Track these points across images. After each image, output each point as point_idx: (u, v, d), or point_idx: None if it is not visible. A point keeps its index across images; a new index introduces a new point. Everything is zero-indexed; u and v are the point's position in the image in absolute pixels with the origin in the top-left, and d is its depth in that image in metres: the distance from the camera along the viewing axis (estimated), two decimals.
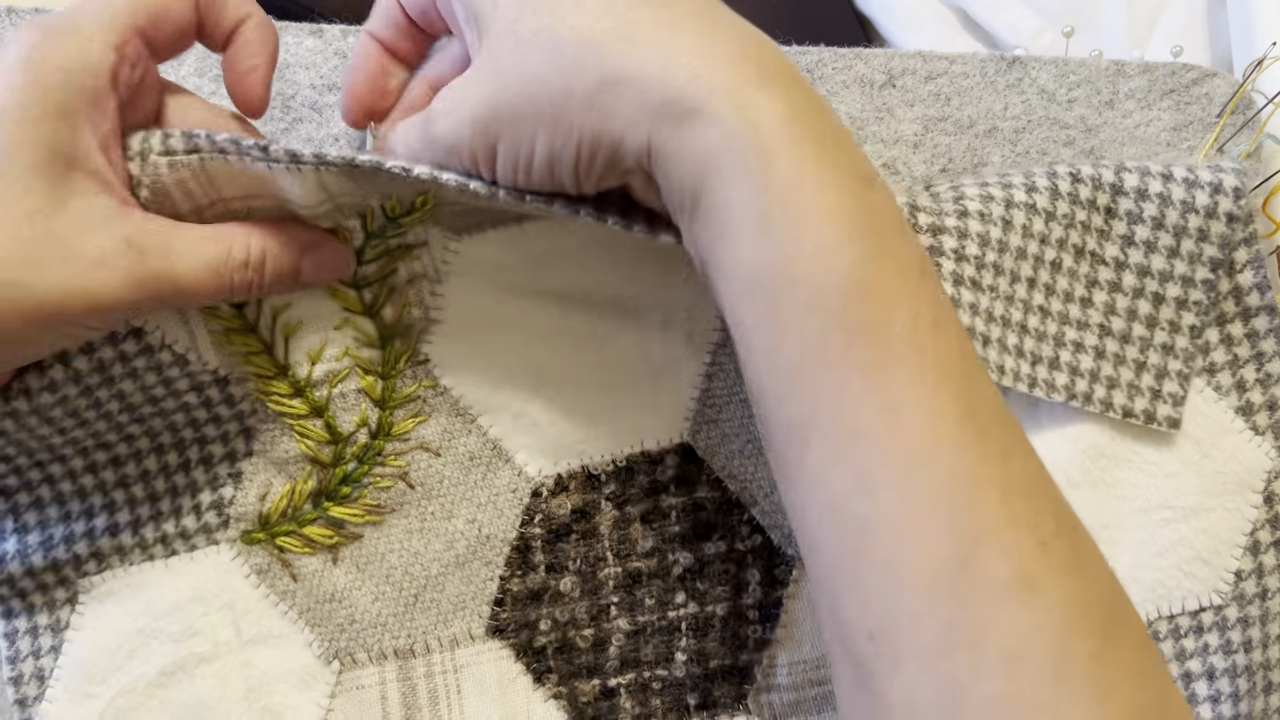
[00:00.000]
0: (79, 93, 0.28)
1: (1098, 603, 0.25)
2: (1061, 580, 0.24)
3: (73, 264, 0.28)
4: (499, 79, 0.28)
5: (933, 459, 0.24)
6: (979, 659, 0.23)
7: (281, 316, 0.35)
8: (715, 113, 0.26)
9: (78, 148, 0.28)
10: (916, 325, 0.25)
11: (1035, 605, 0.24)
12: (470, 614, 0.37)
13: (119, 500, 0.35)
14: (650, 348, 0.37)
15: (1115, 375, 0.36)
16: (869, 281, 0.25)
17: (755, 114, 0.26)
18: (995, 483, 0.25)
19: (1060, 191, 0.36)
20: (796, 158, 0.26)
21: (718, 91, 0.26)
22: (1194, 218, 0.36)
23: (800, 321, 0.25)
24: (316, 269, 0.33)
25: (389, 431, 0.36)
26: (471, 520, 0.37)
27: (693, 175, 0.26)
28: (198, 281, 0.30)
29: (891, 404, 0.25)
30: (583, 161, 0.28)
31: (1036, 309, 0.36)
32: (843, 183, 0.26)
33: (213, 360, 0.35)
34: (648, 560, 0.38)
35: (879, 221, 0.26)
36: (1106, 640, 0.24)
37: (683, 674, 0.38)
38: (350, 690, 0.37)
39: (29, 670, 0.35)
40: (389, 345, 0.36)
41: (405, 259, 0.35)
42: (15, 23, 0.39)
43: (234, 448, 0.36)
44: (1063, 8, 0.51)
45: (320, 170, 0.30)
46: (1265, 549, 0.37)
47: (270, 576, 0.36)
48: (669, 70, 0.26)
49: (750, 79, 0.26)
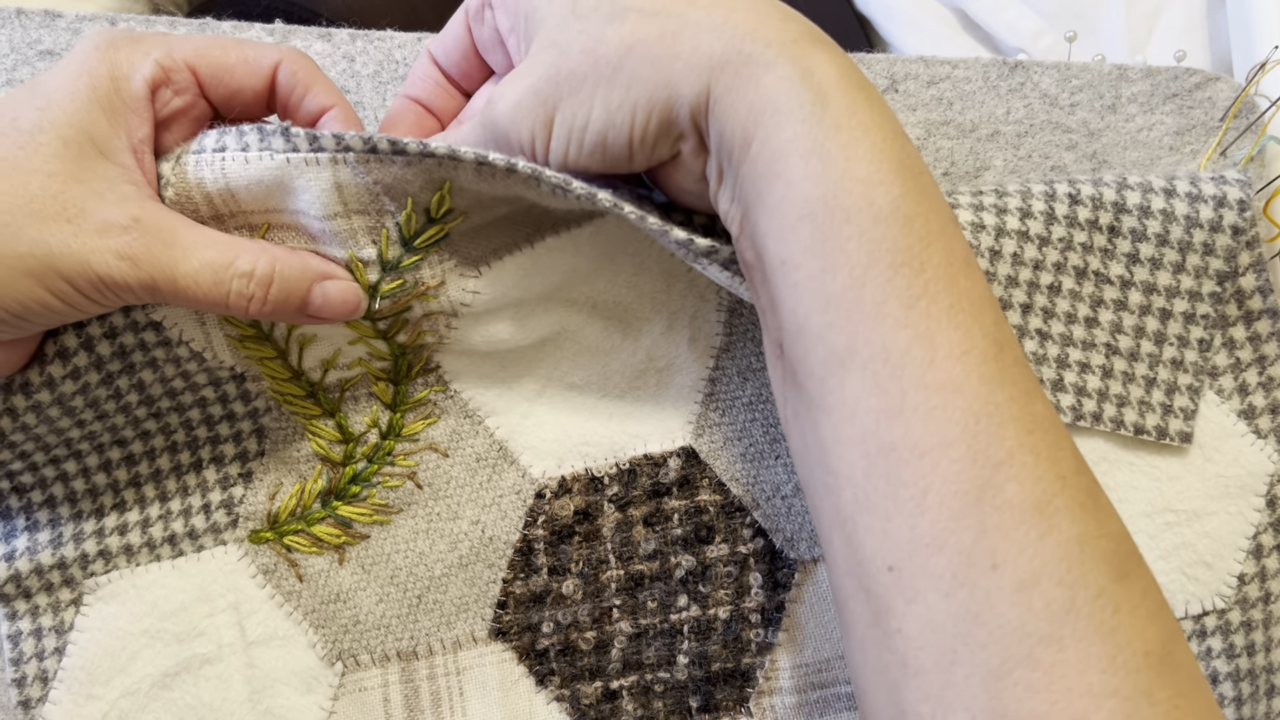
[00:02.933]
0: (122, 95, 0.31)
1: (1111, 541, 0.25)
2: (1078, 515, 0.25)
3: (75, 223, 0.29)
4: (558, 48, 0.30)
5: (962, 389, 0.26)
6: (993, 585, 0.24)
7: (296, 330, 0.35)
8: (773, 61, 0.28)
9: (112, 140, 0.30)
10: (951, 262, 0.27)
11: (1050, 533, 0.24)
12: (473, 616, 0.37)
13: (130, 499, 0.36)
14: (654, 352, 0.37)
15: (1125, 393, 0.37)
16: (911, 216, 0.27)
17: (810, 63, 0.28)
18: (1020, 418, 0.26)
19: (1057, 215, 0.36)
20: (847, 104, 0.28)
21: (774, 44, 0.28)
22: (1199, 232, 0.36)
23: (847, 251, 0.27)
24: (325, 300, 0.32)
25: (399, 432, 0.36)
26: (476, 521, 0.37)
27: (745, 122, 0.28)
28: (195, 280, 0.30)
29: (928, 333, 0.26)
30: (637, 125, 0.29)
31: (1034, 333, 0.36)
32: (886, 129, 0.28)
33: (229, 359, 0.35)
34: (650, 563, 0.38)
35: (916, 165, 0.28)
36: (1118, 578, 0.25)
37: (685, 677, 0.38)
38: (353, 692, 0.37)
39: (33, 672, 0.35)
40: (401, 359, 0.36)
41: (422, 298, 0.34)
42: (25, 24, 0.39)
43: (246, 447, 0.36)
44: (1062, 8, 0.51)
45: (337, 163, 0.31)
46: (1268, 552, 0.37)
47: (277, 577, 0.36)
48: (727, 24, 0.28)
49: (803, 35, 0.29)
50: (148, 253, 0.30)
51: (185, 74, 0.32)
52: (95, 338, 0.33)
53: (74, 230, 0.29)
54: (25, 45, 0.39)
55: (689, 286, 0.37)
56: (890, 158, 0.27)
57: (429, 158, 0.30)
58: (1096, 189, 0.36)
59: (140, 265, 0.30)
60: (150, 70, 0.31)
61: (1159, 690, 0.24)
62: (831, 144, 0.27)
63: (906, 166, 0.28)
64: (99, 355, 0.33)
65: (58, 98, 0.30)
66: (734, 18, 0.28)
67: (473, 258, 0.34)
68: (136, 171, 0.31)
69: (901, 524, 0.25)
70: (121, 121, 0.31)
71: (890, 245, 0.27)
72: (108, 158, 0.30)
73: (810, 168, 0.27)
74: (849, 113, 0.28)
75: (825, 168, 0.27)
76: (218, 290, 0.31)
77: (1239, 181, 0.36)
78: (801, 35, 0.28)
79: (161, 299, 0.31)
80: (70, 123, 0.30)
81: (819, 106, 0.27)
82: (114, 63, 0.31)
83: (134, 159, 0.31)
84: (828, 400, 0.27)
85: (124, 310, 0.33)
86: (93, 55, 0.31)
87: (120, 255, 0.29)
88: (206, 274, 0.30)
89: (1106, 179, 0.37)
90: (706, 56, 0.28)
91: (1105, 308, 0.37)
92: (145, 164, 0.31)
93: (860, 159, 0.27)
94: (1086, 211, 0.36)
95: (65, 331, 0.33)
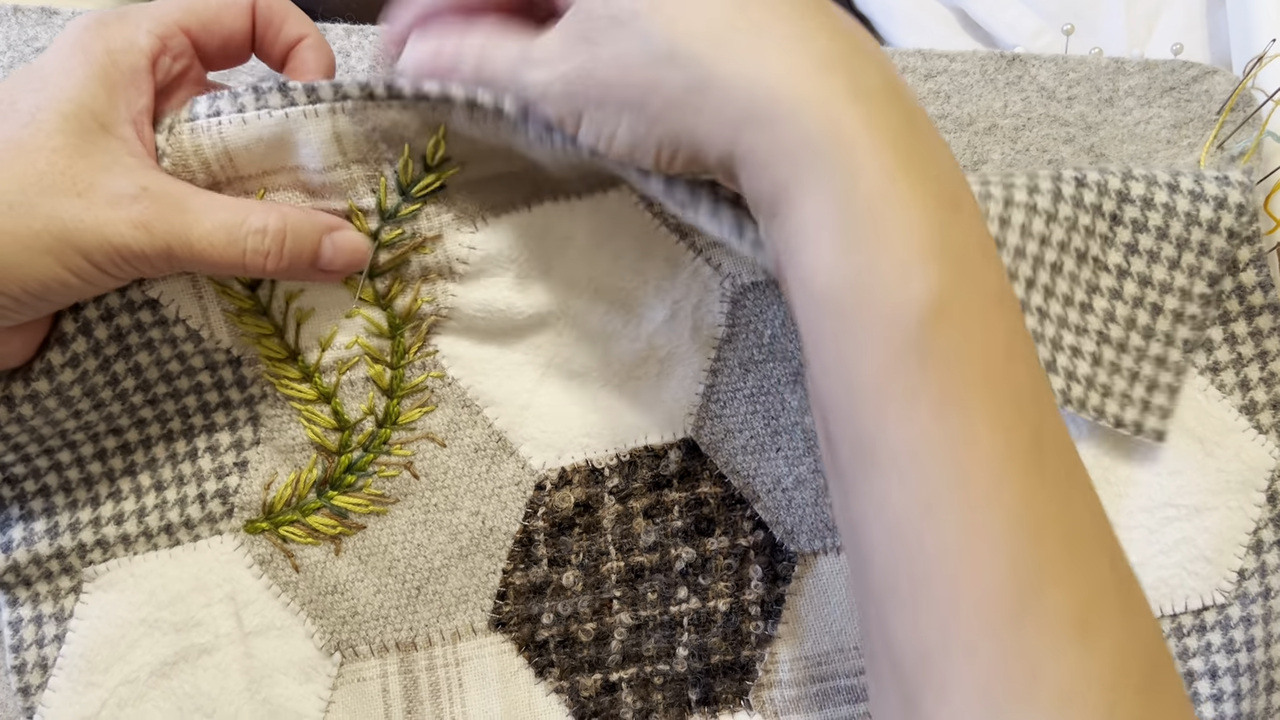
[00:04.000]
0: (120, 68, 0.31)
1: (1147, 649, 0.25)
2: (1115, 626, 0.24)
3: (85, 197, 0.29)
4: (592, 50, 0.28)
5: (1000, 495, 0.24)
6: (1033, 696, 0.23)
7: (294, 302, 0.35)
8: (802, 124, 0.25)
9: (111, 114, 0.30)
10: (990, 354, 0.25)
11: (1090, 649, 0.24)
12: (473, 607, 0.37)
13: (125, 488, 0.36)
14: (656, 341, 0.37)
15: (1110, 383, 0.37)
16: (948, 308, 0.25)
17: (842, 128, 0.25)
18: (1059, 523, 0.25)
19: (1063, 195, 0.36)
20: (882, 176, 0.25)
21: (805, 103, 0.26)
22: (1196, 231, 0.36)
23: (876, 341, 0.25)
24: (335, 251, 0.33)
25: (395, 420, 0.36)
26: (475, 512, 0.37)
27: (773, 185, 0.26)
28: (210, 241, 0.31)
29: (963, 436, 0.24)
30: (663, 156, 0.28)
31: (1035, 310, 0.36)
32: (929, 203, 0.25)
33: (226, 339, 0.35)
34: (650, 555, 0.38)
35: (963, 245, 0.26)
36: (1153, 688, 0.24)
37: (684, 669, 0.38)
38: (351, 682, 0.37)
39: (32, 659, 0.35)
40: (399, 336, 0.36)
41: (419, 250, 0.35)
42: (21, 21, 0.39)
43: (241, 436, 0.36)
44: (1062, 8, 0.51)
45: (336, 113, 0.31)
46: (1268, 548, 0.37)
47: (273, 567, 0.36)
48: (757, 80, 0.26)
49: (839, 91, 0.26)
50: (161, 219, 0.30)
51: (180, 37, 0.32)
52: (92, 321, 0.33)
53: (85, 204, 0.29)
54: (22, 43, 0.39)
55: (693, 275, 0.37)
56: (927, 239, 0.25)
57: (423, 100, 0.31)
58: (1102, 175, 0.36)
59: (155, 233, 0.30)
60: (148, 42, 0.31)
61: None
62: (861, 225, 0.25)
63: (949, 247, 0.25)
64: (96, 340, 0.33)
65: (54, 77, 0.30)
66: (765, 72, 0.26)
67: (470, 213, 0.35)
68: (137, 143, 0.31)
69: (932, 622, 0.24)
70: (120, 94, 0.31)
71: (923, 340, 0.25)
72: (108, 131, 0.30)
73: (835, 251, 0.25)
74: (885, 184, 0.25)
75: (851, 253, 0.25)
76: (233, 250, 0.31)
77: (1241, 185, 0.36)
78: (836, 92, 0.26)
79: (178, 265, 0.31)
80: (68, 99, 0.30)
81: (849, 179, 0.25)
82: (107, 38, 0.31)
83: (133, 130, 0.31)
84: (856, 484, 0.26)
85: (119, 291, 0.33)
86: (84, 34, 0.31)
87: (134, 224, 0.29)
88: (221, 234, 0.31)
89: (1112, 168, 0.37)
90: (731, 119, 0.26)
91: (1101, 295, 0.37)
92: (145, 135, 0.31)
93: (891, 243, 0.25)
94: (1092, 195, 0.36)
95: (63, 317, 0.33)
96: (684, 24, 0.27)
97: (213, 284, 0.34)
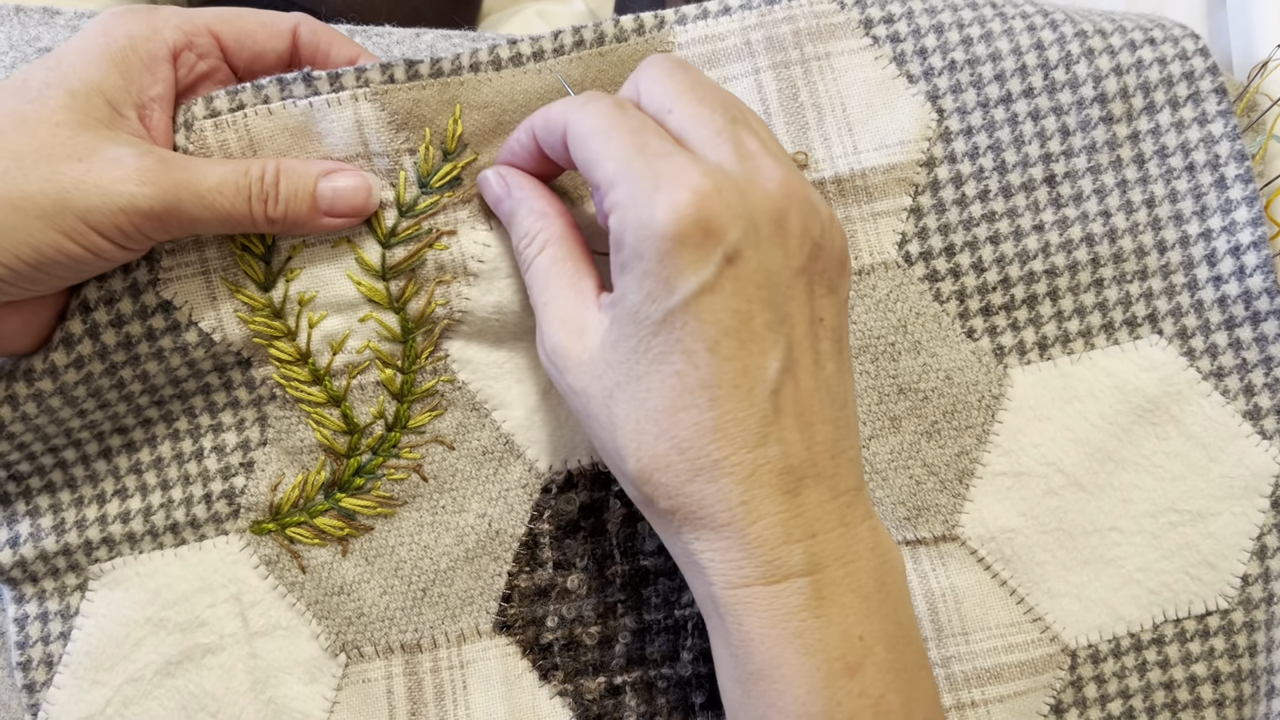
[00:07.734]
0: (138, 52, 0.31)
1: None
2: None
3: (87, 161, 0.29)
4: (626, 367, 0.29)
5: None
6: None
7: (307, 304, 0.35)
8: (727, 607, 0.29)
9: (122, 96, 0.31)
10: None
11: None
12: (478, 609, 0.37)
13: (131, 486, 0.36)
14: None
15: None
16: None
17: (745, 617, 0.28)
18: None
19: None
20: (774, 651, 0.28)
21: (741, 588, 0.28)
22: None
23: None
24: (336, 194, 0.33)
25: (405, 424, 0.37)
26: (482, 515, 0.37)
27: (744, 642, 0.29)
28: (220, 190, 0.31)
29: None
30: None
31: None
32: (820, 676, 0.28)
33: (237, 340, 0.35)
34: (655, 559, 0.38)
35: (852, 712, 0.28)
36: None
37: (688, 673, 0.38)
38: (356, 683, 0.37)
39: (38, 656, 0.35)
40: (410, 340, 0.36)
41: (435, 246, 0.35)
42: (24, 21, 0.39)
43: (248, 437, 0.36)
44: None
45: (359, 100, 0.32)
46: (1272, 554, 0.37)
47: (279, 568, 0.36)
48: (716, 563, 0.29)
49: (779, 572, 0.28)
50: (168, 175, 0.30)
51: (207, 38, 0.32)
52: (101, 325, 0.33)
53: (87, 168, 0.29)
54: (24, 42, 0.39)
55: None
56: (816, 711, 0.28)
57: (438, 76, 0.33)
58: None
59: (163, 186, 0.30)
60: (172, 35, 0.32)
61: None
62: (750, 694, 0.29)
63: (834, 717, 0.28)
64: (104, 344, 0.33)
65: (69, 57, 0.31)
66: (735, 545, 0.28)
67: (484, 210, 0.35)
68: (141, 128, 0.31)
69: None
70: (134, 78, 0.31)
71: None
72: (117, 111, 0.31)
73: (739, 697, 0.29)
74: (774, 661, 0.28)
75: (747, 707, 0.29)
76: (241, 198, 0.31)
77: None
78: (778, 571, 0.28)
79: (186, 224, 0.31)
80: (80, 77, 0.30)
81: (743, 652, 0.28)
82: (131, 25, 0.31)
83: (137, 114, 0.31)
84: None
85: (132, 295, 0.33)
86: (110, 20, 0.31)
87: (141, 180, 0.29)
88: (229, 184, 0.31)
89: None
90: (717, 582, 0.29)
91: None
92: (154, 122, 0.32)
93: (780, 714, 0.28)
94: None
95: (71, 318, 0.33)
96: (664, 465, 0.29)
97: (226, 283, 0.34)
